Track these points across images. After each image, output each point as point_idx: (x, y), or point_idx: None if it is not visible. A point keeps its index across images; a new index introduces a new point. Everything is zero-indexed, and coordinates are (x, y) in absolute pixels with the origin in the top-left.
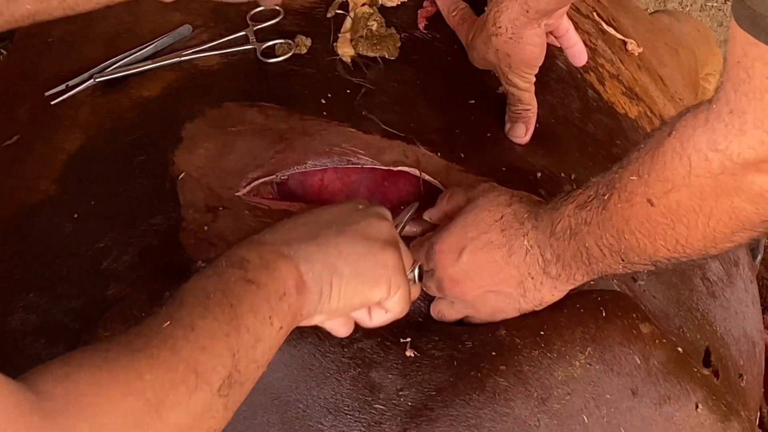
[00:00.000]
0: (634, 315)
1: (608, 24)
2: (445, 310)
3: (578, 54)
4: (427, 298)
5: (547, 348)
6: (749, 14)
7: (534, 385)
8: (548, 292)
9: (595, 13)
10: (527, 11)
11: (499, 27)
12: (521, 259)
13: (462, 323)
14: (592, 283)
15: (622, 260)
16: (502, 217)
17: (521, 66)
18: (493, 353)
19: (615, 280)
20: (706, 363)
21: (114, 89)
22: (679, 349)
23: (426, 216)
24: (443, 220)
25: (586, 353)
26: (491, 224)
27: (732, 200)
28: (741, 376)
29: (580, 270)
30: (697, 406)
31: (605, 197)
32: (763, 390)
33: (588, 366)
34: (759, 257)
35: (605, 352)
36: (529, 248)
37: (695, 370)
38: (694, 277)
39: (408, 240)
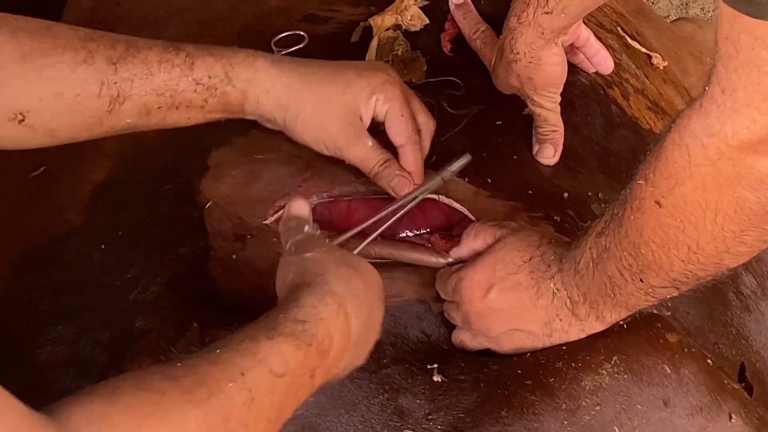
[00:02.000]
0: (659, 324)
1: (633, 38)
2: (467, 341)
3: (603, 61)
4: (451, 327)
5: (571, 359)
6: None
7: (561, 397)
8: (575, 334)
9: (619, 28)
10: (542, 33)
11: (517, 53)
12: (549, 301)
13: (485, 352)
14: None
15: (642, 281)
16: (531, 259)
17: (545, 87)
18: (519, 371)
19: None
20: (741, 378)
21: None
22: (709, 361)
23: (453, 254)
24: (471, 256)
25: (612, 362)
26: (520, 265)
27: (735, 190)
28: None
29: (606, 304)
30: (730, 417)
31: (619, 215)
32: None
33: (616, 375)
34: None
35: (632, 362)
36: (556, 291)
37: (726, 382)
38: (727, 292)
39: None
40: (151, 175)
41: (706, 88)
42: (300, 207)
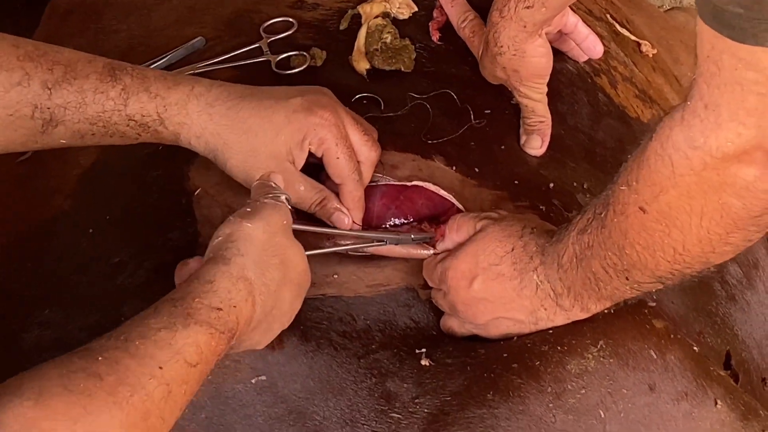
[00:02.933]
0: (645, 311)
1: (622, 25)
2: (455, 327)
3: (592, 46)
4: (440, 313)
5: (557, 342)
6: (711, 9)
7: (547, 380)
8: (561, 321)
9: (608, 15)
10: (524, 26)
11: (501, 46)
12: (533, 292)
13: (473, 337)
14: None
15: (627, 279)
16: (513, 249)
17: (531, 78)
18: (505, 355)
19: None
20: (727, 367)
21: None
22: (695, 348)
23: (439, 248)
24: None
25: (598, 346)
26: (502, 256)
27: (720, 196)
28: (764, 380)
29: (591, 298)
30: (716, 403)
31: (602, 215)
32: None
33: (601, 359)
34: None
35: (618, 347)
36: (539, 283)
37: (712, 369)
38: (713, 282)
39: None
40: (140, 161)
41: (688, 102)
42: (278, 178)
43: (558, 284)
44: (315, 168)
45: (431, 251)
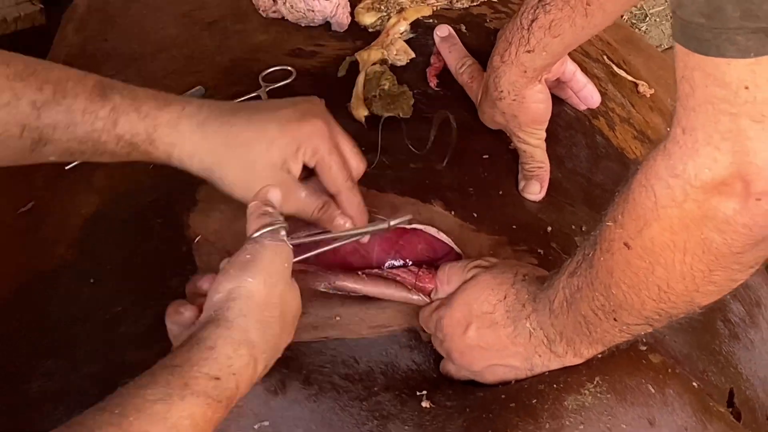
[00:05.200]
0: (641, 348)
1: (619, 66)
2: (453, 372)
3: (589, 96)
4: (440, 355)
5: (553, 381)
6: (680, 24)
7: (544, 417)
8: (556, 367)
9: (605, 56)
10: (525, 71)
11: (501, 91)
12: (526, 339)
13: (472, 380)
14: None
15: (615, 320)
16: (505, 297)
17: (530, 124)
18: (503, 396)
19: None
20: (730, 404)
21: None
22: (695, 384)
23: (433, 296)
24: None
25: (594, 382)
26: (495, 304)
27: (701, 231)
28: None
29: (583, 342)
30: None
31: (590, 255)
32: None
33: (598, 395)
34: None
35: (615, 382)
36: (533, 330)
37: (712, 404)
38: (715, 320)
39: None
40: (140, 210)
41: (668, 129)
42: (275, 194)
43: (550, 330)
44: None
45: (427, 298)
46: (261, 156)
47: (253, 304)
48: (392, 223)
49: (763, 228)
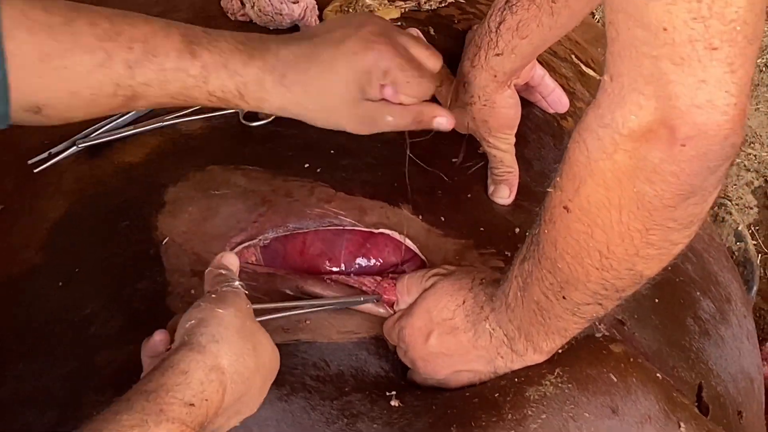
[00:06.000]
0: (600, 338)
1: (587, 65)
2: (419, 381)
3: (557, 100)
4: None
5: (514, 375)
6: None
7: (506, 408)
8: (519, 367)
9: (573, 56)
10: (495, 76)
11: (471, 96)
12: (487, 341)
13: None
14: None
15: (564, 299)
16: (464, 302)
17: (500, 129)
18: (467, 393)
19: (602, 325)
20: (699, 399)
21: (97, 155)
22: (658, 374)
23: (396, 308)
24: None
25: (555, 374)
26: (454, 309)
27: (634, 184)
28: (740, 413)
29: (540, 334)
30: (679, 425)
31: (537, 232)
32: (765, 424)
33: (560, 385)
34: (754, 288)
35: (576, 373)
36: (492, 331)
37: (675, 395)
38: (685, 318)
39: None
40: (108, 212)
41: (600, 79)
42: (232, 260)
43: (509, 327)
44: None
45: (390, 312)
46: (340, 96)
47: (225, 331)
48: (362, 299)
49: (690, 176)
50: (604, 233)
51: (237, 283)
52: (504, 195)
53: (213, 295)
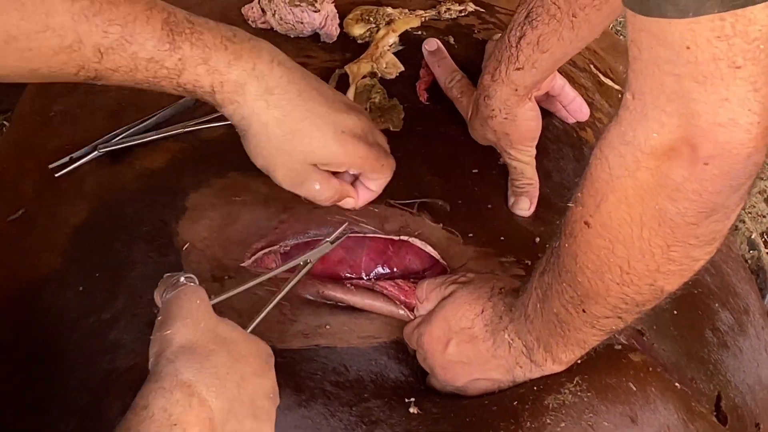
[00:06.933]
0: (619, 347)
1: (606, 75)
2: (437, 387)
3: (578, 109)
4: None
5: (533, 383)
6: None
7: (525, 417)
8: (538, 376)
9: (592, 65)
10: (516, 89)
11: (492, 110)
12: (506, 351)
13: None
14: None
15: (584, 312)
16: (483, 311)
17: (521, 142)
18: (486, 402)
19: (622, 336)
20: (717, 409)
21: (118, 161)
22: (677, 384)
23: (416, 313)
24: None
25: (574, 382)
26: (473, 318)
27: (656, 201)
28: (758, 425)
29: (559, 345)
30: None
31: (557, 246)
32: None
33: (579, 394)
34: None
35: (595, 382)
36: (511, 341)
37: (693, 404)
38: (704, 329)
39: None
40: (129, 217)
41: (619, 96)
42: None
43: (528, 338)
44: None
45: (411, 314)
46: (304, 153)
47: (177, 348)
48: (331, 239)
49: (712, 194)
50: (625, 249)
51: (182, 278)
52: (524, 207)
53: (159, 317)
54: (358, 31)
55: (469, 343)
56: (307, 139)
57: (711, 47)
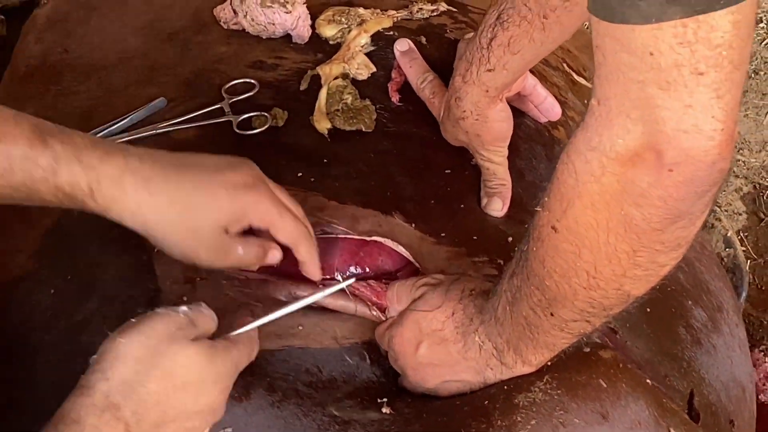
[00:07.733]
0: (590, 344)
1: (579, 74)
2: (409, 388)
3: (550, 109)
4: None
5: (504, 383)
6: None
7: (496, 416)
8: (508, 378)
9: (564, 64)
10: (487, 91)
11: (464, 111)
12: (477, 353)
13: None
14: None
15: (552, 316)
16: (453, 314)
17: (493, 142)
18: (457, 402)
19: (594, 334)
20: (690, 407)
21: None
22: (648, 380)
23: (387, 315)
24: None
25: (544, 380)
26: (444, 321)
27: (621, 206)
28: (732, 422)
29: (528, 347)
30: (669, 431)
31: (525, 249)
32: None
33: (549, 392)
34: (744, 295)
35: (565, 379)
36: (482, 344)
37: (665, 400)
38: (677, 327)
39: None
40: (101, 219)
41: (586, 102)
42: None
43: (498, 340)
44: None
45: (383, 315)
46: (207, 222)
47: (120, 365)
48: (327, 293)
49: (677, 201)
50: (591, 254)
51: (181, 309)
52: (497, 207)
53: (133, 320)
54: (329, 32)
55: (439, 345)
56: (204, 208)
57: (674, 53)
